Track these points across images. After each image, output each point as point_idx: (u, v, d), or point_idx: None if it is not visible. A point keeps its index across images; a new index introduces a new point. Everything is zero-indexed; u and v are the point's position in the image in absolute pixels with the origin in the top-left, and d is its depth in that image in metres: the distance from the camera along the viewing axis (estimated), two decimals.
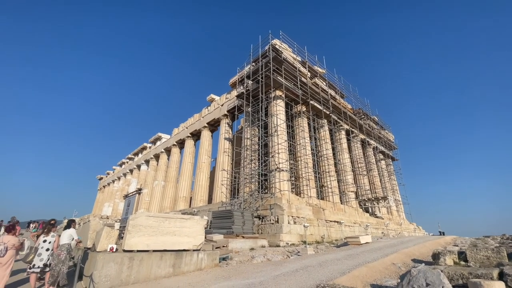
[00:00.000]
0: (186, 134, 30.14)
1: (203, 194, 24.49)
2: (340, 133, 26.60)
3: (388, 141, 35.23)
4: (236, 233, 12.95)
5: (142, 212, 7.51)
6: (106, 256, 5.98)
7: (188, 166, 28.47)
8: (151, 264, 6.47)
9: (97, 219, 9.34)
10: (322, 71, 25.28)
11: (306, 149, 20.44)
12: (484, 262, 6.96)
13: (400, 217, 31.47)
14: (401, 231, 26.26)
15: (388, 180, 33.07)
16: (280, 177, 17.21)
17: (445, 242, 14.69)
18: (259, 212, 15.73)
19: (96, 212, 54.47)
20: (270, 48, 19.40)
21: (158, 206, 31.40)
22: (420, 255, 9.81)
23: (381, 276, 6.51)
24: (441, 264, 7.15)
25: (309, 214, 16.15)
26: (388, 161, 36.15)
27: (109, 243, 6.61)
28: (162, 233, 6.99)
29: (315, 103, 22.92)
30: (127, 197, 9.14)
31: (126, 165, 48.55)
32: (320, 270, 6.77)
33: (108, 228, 6.87)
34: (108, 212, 46.36)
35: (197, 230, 7.66)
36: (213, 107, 27.19)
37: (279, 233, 13.61)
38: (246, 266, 8.13)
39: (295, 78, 20.61)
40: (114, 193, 47.95)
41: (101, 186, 60.79)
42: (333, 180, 21.94)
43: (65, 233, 6.45)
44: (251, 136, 20.79)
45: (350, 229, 18.71)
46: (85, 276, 6.33)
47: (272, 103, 19.88)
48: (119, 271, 5.98)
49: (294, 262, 8.30)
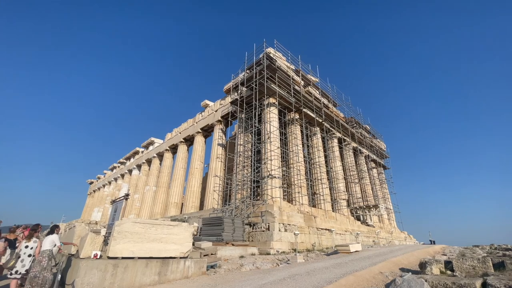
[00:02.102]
0: (179, 139, 29.98)
1: (195, 200, 24.23)
2: (332, 141, 26.87)
3: (380, 150, 35.71)
4: (226, 241, 12.81)
5: (129, 218, 7.39)
6: (89, 263, 5.84)
7: (180, 171, 28.22)
8: (136, 272, 6.34)
9: (83, 224, 9.13)
10: (316, 80, 25.68)
11: (299, 156, 20.55)
12: (470, 272, 7.04)
13: (391, 226, 31.67)
14: (392, 240, 26.38)
15: (380, 189, 33.36)
16: (272, 184, 17.20)
17: (434, 251, 14.81)
18: (251, 219, 15.63)
19: (85, 217, 53.18)
20: (264, 56, 19.67)
21: (148, 211, 30.89)
22: (408, 264, 9.85)
23: (368, 285, 6.51)
24: (428, 273, 7.20)
25: (300, 222, 16.12)
26: (380, 169, 36.56)
27: (93, 250, 6.46)
28: (149, 240, 6.87)
29: (308, 111, 23.18)
30: (114, 203, 8.98)
31: (118, 169, 47.83)
32: (308, 278, 6.74)
33: (93, 234, 6.72)
34: (97, 218, 45.33)
35: (184, 237, 7.57)
36: (207, 112, 27.21)
37: (270, 240, 13.52)
38: (234, 274, 8.02)
39: (289, 86, 20.87)
40: (105, 198, 47.03)
41: (91, 191, 59.59)
42: (325, 188, 22.03)
43: (47, 239, 6.29)
44: (244, 142, 20.83)
45: (341, 237, 18.71)
46: (67, 285, 6.15)
47: (266, 110, 20.02)
48: (102, 279, 5.84)
49: (282, 271, 8.23)
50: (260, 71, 19.17)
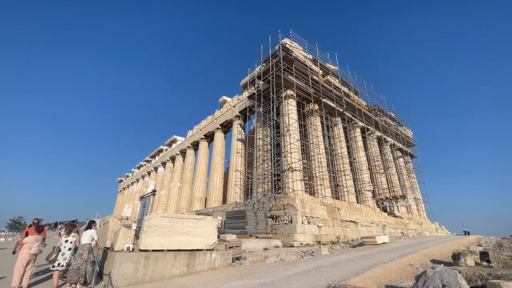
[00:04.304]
0: (200, 136, 30.68)
1: (218, 194, 24.81)
2: (355, 131, 26.04)
3: (406, 138, 34.03)
4: (250, 233, 13.02)
5: (157, 213, 7.75)
6: (123, 255, 6.23)
7: (202, 167, 28.96)
8: (165, 263, 6.68)
9: (116, 220, 9.72)
10: (335, 68, 24.86)
11: (320, 148, 20.18)
12: (508, 262, 6.60)
13: (421, 216, 30.30)
14: (422, 231, 25.27)
15: (407, 178, 31.91)
16: (293, 177, 17.11)
17: (468, 242, 14.00)
18: (273, 212, 15.72)
19: (117, 213, 56.60)
20: (280, 47, 19.35)
21: (175, 206, 32.16)
22: (440, 255, 9.42)
23: (396, 277, 6.33)
24: (461, 265, 6.85)
25: (324, 214, 15.94)
26: (407, 158, 34.88)
27: (126, 243, 6.89)
28: (176, 233, 7.18)
29: (328, 101, 22.58)
30: (142, 199, 9.46)
31: (144, 167, 50.11)
32: (333, 270, 6.69)
33: (125, 229, 7.15)
34: (128, 213, 48.03)
35: (210, 230, 7.81)
36: (225, 108, 27.49)
37: (293, 233, 13.54)
38: (259, 266, 8.17)
39: (307, 76, 20.41)
40: (133, 194, 49.61)
41: (121, 188, 63.11)
42: (348, 179, 21.50)
43: (86, 234, 6.79)
44: (263, 136, 20.82)
45: (366, 229, 18.27)
46: (104, 275, 6.63)
47: (284, 102, 19.81)
48: (135, 270, 6.22)
49: (307, 263, 8.24)
50: (277, 63, 18.91)
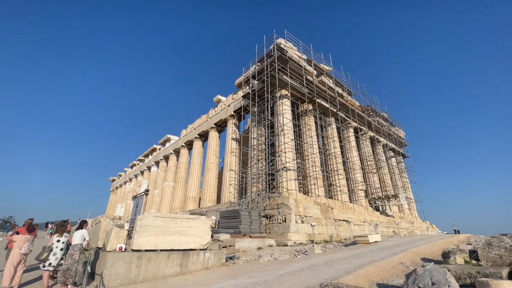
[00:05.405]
0: (194, 135, 30.50)
1: (212, 194, 24.73)
2: (348, 131, 26.29)
3: (398, 138, 34.53)
4: (243, 233, 13.03)
5: (150, 213, 7.69)
6: (115, 255, 6.16)
7: (196, 166, 28.82)
8: (158, 263, 6.63)
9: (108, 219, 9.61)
10: (329, 69, 25.05)
11: (313, 147, 20.31)
12: (497, 261, 6.76)
13: (412, 216, 30.82)
14: (413, 230, 25.72)
15: (399, 178, 32.40)
16: (287, 176, 17.18)
17: (458, 240, 14.32)
18: (267, 212, 15.76)
19: (109, 213, 55.85)
20: (275, 47, 19.39)
21: (168, 206, 31.92)
22: (431, 254, 9.62)
23: (388, 275, 6.43)
24: (451, 263, 7.00)
25: (317, 213, 16.06)
26: (399, 158, 35.40)
27: (118, 243, 6.81)
28: (169, 233, 7.14)
29: (322, 101, 22.74)
30: (135, 198, 9.37)
31: (137, 166, 49.56)
32: (326, 269, 6.76)
33: (117, 229, 7.07)
34: (120, 213, 47.45)
35: (203, 229, 7.78)
36: (219, 108, 27.39)
37: (287, 232, 13.61)
38: (253, 265, 8.19)
39: (301, 76, 20.51)
40: (126, 194, 49.03)
41: (113, 188, 62.29)
42: (341, 179, 21.71)
43: (77, 234, 6.69)
44: (257, 136, 20.84)
45: (359, 228, 18.49)
46: (96, 275, 6.55)
47: (278, 102, 19.86)
48: (128, 270, 6.16)
49: (300, 261, 8.30)
50: (271, 63, 18.93)
